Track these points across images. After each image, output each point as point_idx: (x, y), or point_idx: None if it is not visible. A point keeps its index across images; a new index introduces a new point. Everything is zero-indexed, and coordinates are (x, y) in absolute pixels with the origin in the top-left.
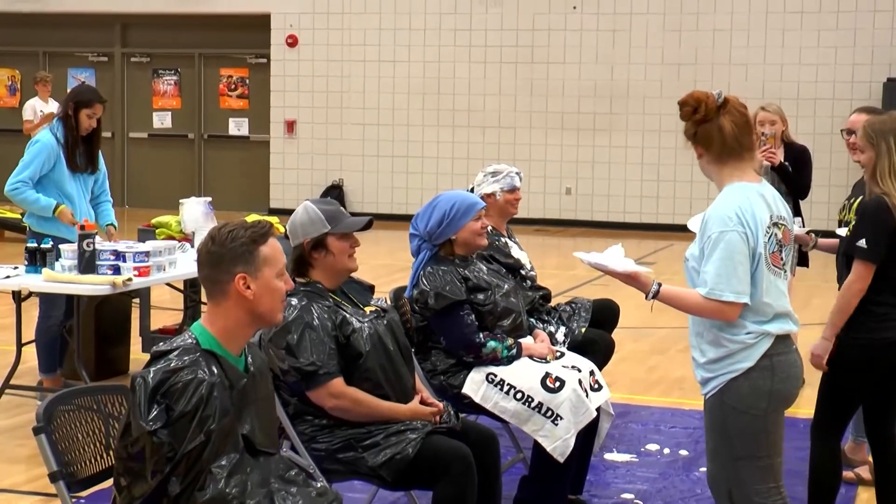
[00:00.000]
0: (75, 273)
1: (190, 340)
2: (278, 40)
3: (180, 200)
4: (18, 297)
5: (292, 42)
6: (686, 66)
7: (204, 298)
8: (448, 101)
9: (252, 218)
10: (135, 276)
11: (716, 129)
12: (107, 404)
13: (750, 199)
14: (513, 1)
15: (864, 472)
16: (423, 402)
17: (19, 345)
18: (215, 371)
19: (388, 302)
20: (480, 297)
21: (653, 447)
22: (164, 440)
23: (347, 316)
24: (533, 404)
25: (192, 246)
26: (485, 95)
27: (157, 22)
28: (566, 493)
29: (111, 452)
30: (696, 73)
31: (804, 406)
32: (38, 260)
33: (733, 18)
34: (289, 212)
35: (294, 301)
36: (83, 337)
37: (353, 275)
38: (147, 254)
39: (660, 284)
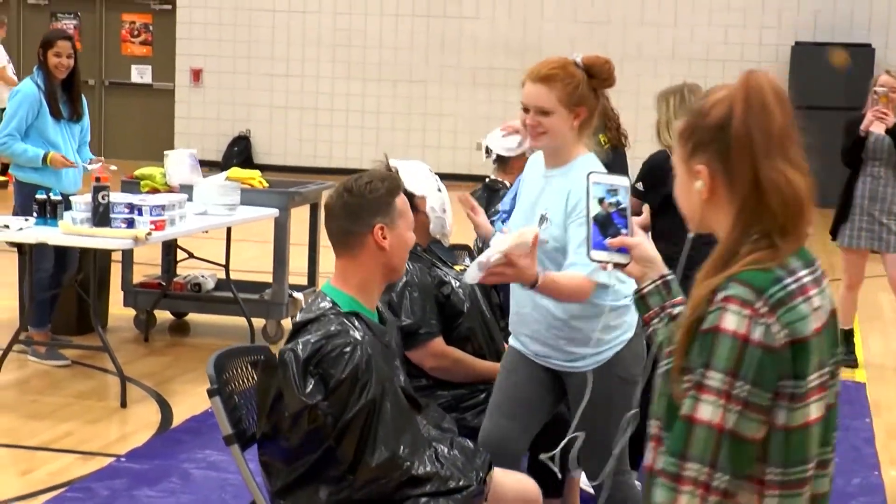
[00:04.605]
0: (88, 226)
1: (327, 304)
2: None
3: (165, 152)
4: (30, 251)
5: None
6: (598, 25)
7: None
8: (359, 54)
9: (237, 173)
10: (152, 229)
11: (592, 95)
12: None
13: None
14: None
15: None
16: None
17: (29, 300)
18: (363, 332)
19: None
20: None
21: None
22: (325, 411)
23: (443, 275)
24: None
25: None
26: (396, 49)
27: None
28: None
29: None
30: (608, 32)
31: None
32: (48, 212)
33: None
34: None
35: None
36: (66, 290)
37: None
38: (163, 207)
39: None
